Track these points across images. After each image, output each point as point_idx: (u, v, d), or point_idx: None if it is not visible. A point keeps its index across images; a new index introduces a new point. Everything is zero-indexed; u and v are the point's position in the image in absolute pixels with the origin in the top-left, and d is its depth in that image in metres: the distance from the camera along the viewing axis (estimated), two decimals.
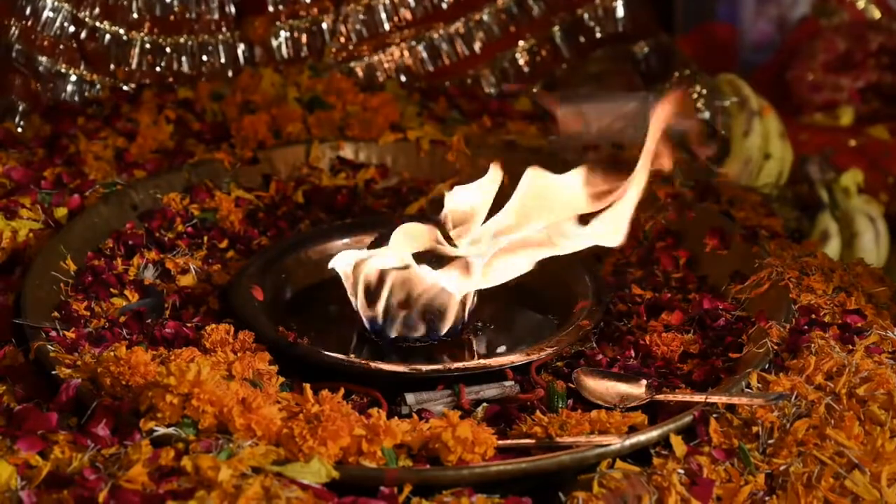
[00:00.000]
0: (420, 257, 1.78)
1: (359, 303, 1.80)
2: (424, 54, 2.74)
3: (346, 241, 2.01)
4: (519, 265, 1.80)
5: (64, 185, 2.08)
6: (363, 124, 2.36)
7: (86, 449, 1.40)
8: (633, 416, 1.54)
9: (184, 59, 2.61)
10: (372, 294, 1.78)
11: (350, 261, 1.80)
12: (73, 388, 1.50)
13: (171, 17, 2.60)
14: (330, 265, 1.81)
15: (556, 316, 1.90)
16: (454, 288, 1.76)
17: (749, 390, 1.58)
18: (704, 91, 2.72)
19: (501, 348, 1.83)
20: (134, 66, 2.58)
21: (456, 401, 1.65)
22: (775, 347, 1.67)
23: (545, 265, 1.83)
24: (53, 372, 1.56)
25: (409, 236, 1.79)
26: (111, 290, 1.84)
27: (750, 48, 3.92)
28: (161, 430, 1.42)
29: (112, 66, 2.56)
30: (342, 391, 1.56)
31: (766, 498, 1.41)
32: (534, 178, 1.80)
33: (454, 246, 1.80)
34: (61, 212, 2.01)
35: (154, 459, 1.37)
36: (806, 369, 1.59)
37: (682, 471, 1.43)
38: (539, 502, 1.41)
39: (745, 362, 1.68)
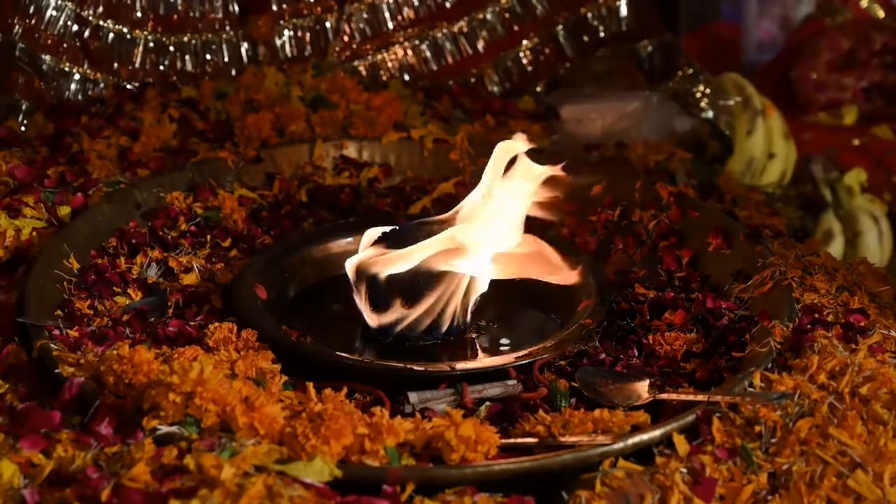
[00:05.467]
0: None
1: (363, 302, 1.81)
2: (428, 53, 2.74)
3: (349, 240, 2.02)
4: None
5: (67, 183, 2.08)
6: (367, 123, 2.36)
7: (89, 447, 1.40)
8: (636, 416, 1.54)
9: (187, 57, 2.61)
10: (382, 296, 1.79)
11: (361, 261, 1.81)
12: (76, 387, 1.50)
13: (175, 16, 2.61)
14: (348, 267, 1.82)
15: (559, 315, 1.90)
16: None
17: (752, 389, 1.58)
18: (708, 90, 2.72)
19: (504, 347, 1.83)
20: (137, 64, 2.58)
21: (459, 399, 1.65)
22: (778, 347, 1.67)
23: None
24: (56, 370, 1.56)
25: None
26: (114, 288, 1.85)
27: (754, 47, 3.93)
28: (164, 429, 1.43)
29: (115, 65, 2.57)
30: (345, 390, 1.56)
31: (769, 497, 1.41)
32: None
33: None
34: (64, 210, 2.01)
35: (157, 458, 1.37)
36: (809, 368, 1.59)
37: (684, 470, 1.43)
38: (542, 501, 1.41)
39: (748, 361, 1.68)
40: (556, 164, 1.81)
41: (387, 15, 2.72)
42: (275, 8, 2.66)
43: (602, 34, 2.79)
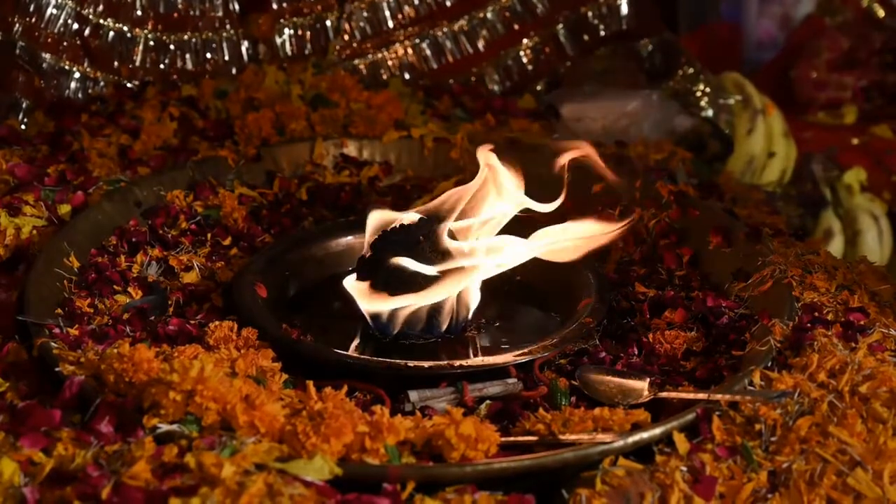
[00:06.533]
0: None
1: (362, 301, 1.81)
2: (428, 52, 2.74)
3: (349, 238, 2.02)
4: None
5: (67, 182, 2.08)
6: (367, 122, 2.36)
7: (89, 446, 1.40)
8: (636, 414, 1.54)
9: (187, 56, 2.61)
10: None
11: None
12: (77, 385, 1.50)
13: (175, 14, 2.61)
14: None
15: (559, 313, 1.90)
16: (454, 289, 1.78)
17: (752, 388, 1.58)
18: (708, 89, 2.72)
19: (505, 345, 1.83)
20: (138, 63, 2.58)
21: (459, 398, 1.65)
22: (778, 345, 1.67)
23: (548, 263, 1.84)
24: (57, 369, 1.56)
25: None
26: (115, 287, 1.85)
27: (754, 46, 3.93)
28: (164, 427, 1.43)
29: (116, 63, 2.57)
30: (345, 388, 1.56)
31: (769, 495, 1.41)
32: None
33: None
34: (65, 209, 2.01)
35: (157, 456, 1.37)
36: (809, 367, 1.59)
37: (684, 468, 1.43)
38: (542, 499, 1.41)
39: (748, 360, 1.68)
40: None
41: (387, 13, 2.72)
42: (275, 6, 2.66)
43: (602, 33, 2.79)
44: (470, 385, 1.67)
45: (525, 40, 2.78)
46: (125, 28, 2.57)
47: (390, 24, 2.72)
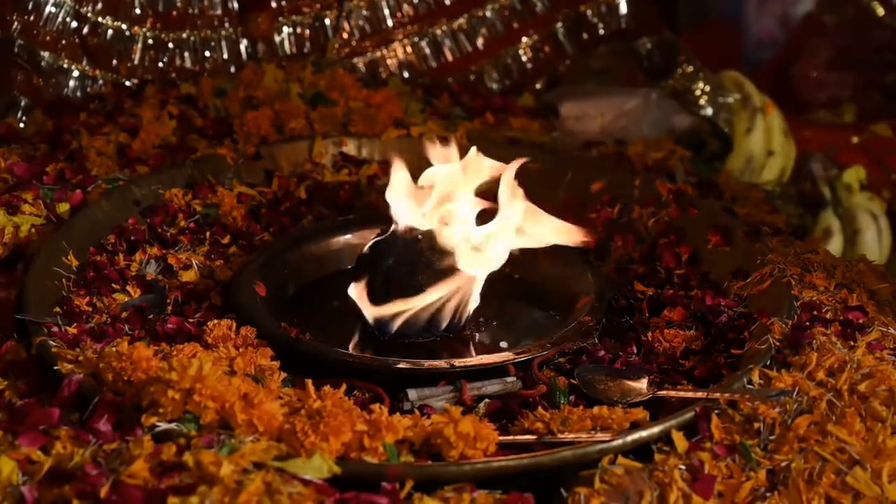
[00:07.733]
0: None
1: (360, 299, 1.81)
2: (427, 50, 2.74)
3: (348, 237, 2.02)
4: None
5: (66, 180, 2.08)
6: (366, 120, 2.36)
7: (87, 444, 1.40)
8: (635, 412, 1.54)
9: (186, 54, 2.61)
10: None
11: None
12: (75, 384, 1.50)
13: (174, 13, 2.60)
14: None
15: (558, 312, 1.90)
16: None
17: (751, 387, 1.58)
18: (707, 88, 2.72)
19: (503, 344, 1.83)
20: (136, 61, 2.58)
21: (458, 397, 1.65)
22: (777, 344, 1.67)
23: (547, 261, 1.84)
24: (55, 367, 1.55)
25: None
26: (113, 285, 1.85)
27: (753, 45, 3.92)
28: (163, 426, 1.43)
29: (114, 62, 2.57)
30: (344, 387, 1.56)
31: (768, 494, 1.41)
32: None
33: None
34: (63, 207, 2.01)
35: (156, 455, 1.37)
36: (808, 366, 1.59)
37: (683, 467, 1.43)
38: (541, 498, 1.41)
39: (747, 359, 1.68)
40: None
41: (386, 12, 2.72)
42: (274, 5, 2.66)
43: (602, 31, 2.79)
44: (469, 384, 1.67)
45: (524, 39, 2.78)
46: (124, 26, 2.56)
47: (389, 22, 2.72)
